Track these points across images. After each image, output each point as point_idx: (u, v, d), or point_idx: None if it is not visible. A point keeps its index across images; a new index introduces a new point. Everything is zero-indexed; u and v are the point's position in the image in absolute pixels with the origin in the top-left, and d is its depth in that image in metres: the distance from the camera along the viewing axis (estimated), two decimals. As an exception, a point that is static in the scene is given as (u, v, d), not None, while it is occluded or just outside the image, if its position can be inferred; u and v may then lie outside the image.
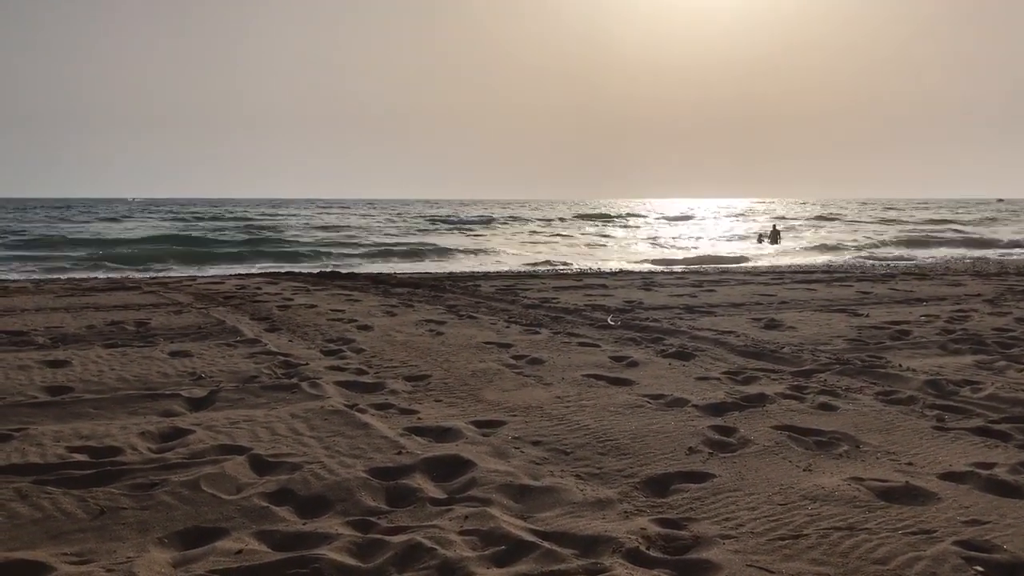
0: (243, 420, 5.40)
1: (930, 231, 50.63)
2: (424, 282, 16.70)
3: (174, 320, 10.47)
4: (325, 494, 4.04)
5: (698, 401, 5.87)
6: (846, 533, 3.51)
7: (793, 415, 5.52)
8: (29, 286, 16.43)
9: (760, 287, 15.15)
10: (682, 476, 4.29)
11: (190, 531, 3.62)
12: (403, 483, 4.18)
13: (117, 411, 5.71)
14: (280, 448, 4.77)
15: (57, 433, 5.09)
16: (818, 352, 7.84)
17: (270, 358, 7.68)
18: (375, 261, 32.14)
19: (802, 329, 9.45)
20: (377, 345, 8.47)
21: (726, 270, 22.81)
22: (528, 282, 16.81)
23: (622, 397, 6.04)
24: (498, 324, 10.04)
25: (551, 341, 8.68)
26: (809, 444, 4.86)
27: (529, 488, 4.08)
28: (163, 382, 6.62)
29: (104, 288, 15.57)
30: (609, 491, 4.07)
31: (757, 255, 33.79)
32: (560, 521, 3.69)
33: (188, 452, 4.68)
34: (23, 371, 7.01)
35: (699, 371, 7.02)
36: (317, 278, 18.47)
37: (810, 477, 4.26)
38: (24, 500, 3.94)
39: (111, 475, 4.26)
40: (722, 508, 3.84)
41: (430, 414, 5.62)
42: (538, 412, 5.63)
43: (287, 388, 6.35)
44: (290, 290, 14.85)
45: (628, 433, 5.07)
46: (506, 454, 4.66)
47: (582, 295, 13.68)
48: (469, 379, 6.77)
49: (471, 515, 3.72)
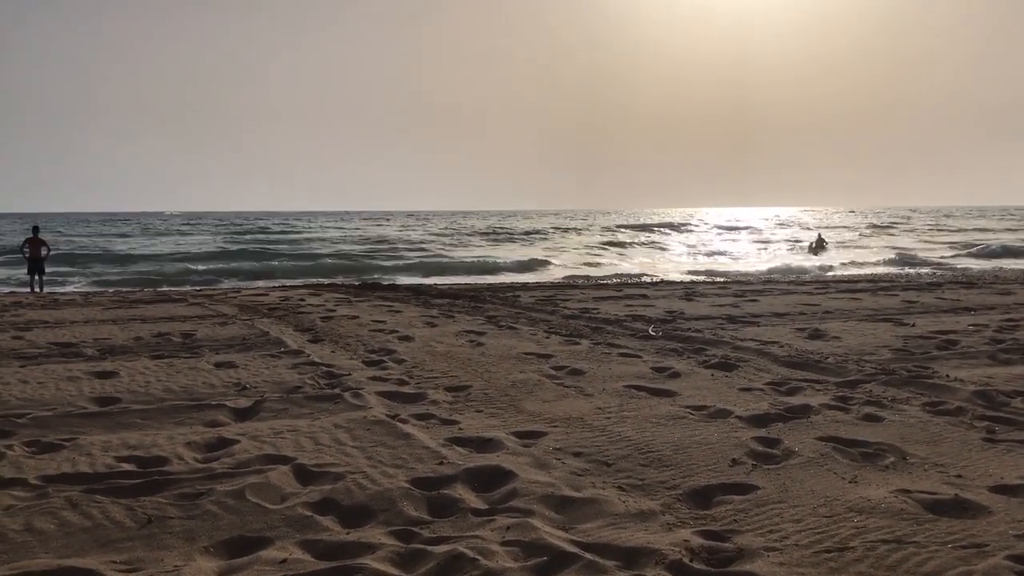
0: (287, 430, 5.46)
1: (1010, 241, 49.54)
2: (464, 293, 16.76)
3: (219, 331, 10.61)
4: (368, 504, 4.07)
5: (741, 412, 5.82)
6: (894, 546, 3.46)
7: (838, 426, 5.45)
8: (78, 299, 16.77)
9: (804, 297, 14.98)
10: (725, 488, 4.25)
11: (235, 540, 3.66)
12: (445, 493, 4.19)
13: (164, 421, 5.80)
14: (323, 458, 4.81)
15: (106, 443, 5.18)
16: (863, 362, 7.73)
17: (313, 369, 7.76)
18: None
19: (847, 339, 9.33)
20: (418, 356, 8.52)
21: (769, 279, 22.60)
22: (568, 292, 16.79)
23: (664, 408, 6.01)
24: (538, 335, 10.04)
25: (591, 352, 8.66)
26: (854, 456, 4.79)
27: (571, 499, 4.07)
28: (209, 393, 6.72)
29: (150, 300, 15.84)
30: (652, 503, 4.04)
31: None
32: (602, 532, 3.68)
33: (233, 462, 4.74)
34: (72, 382, 7.15)
35: (742, 382, 6.95)
36: (359, 289, 18.62)
37: (856, 489, 4.20)
38: (75, 509, 4.02)
39: (158, 484, 4.33)
40: (766, 520, 3.80)
41: (471, 424, 5.64)
42: (579, 423, 5.62)
43: (330, 398, 6.41)
44: (332, 301, 14.99)
45: (670, 444, 5.04)
46: (547, 465, 4.66)
47: (622, 305, 13.63)
48: (509, 390, 6.77)
49: (513, 526, 3.72)
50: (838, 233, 60.94)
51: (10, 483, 4.38)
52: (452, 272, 32.37)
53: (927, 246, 46.70)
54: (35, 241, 21.46)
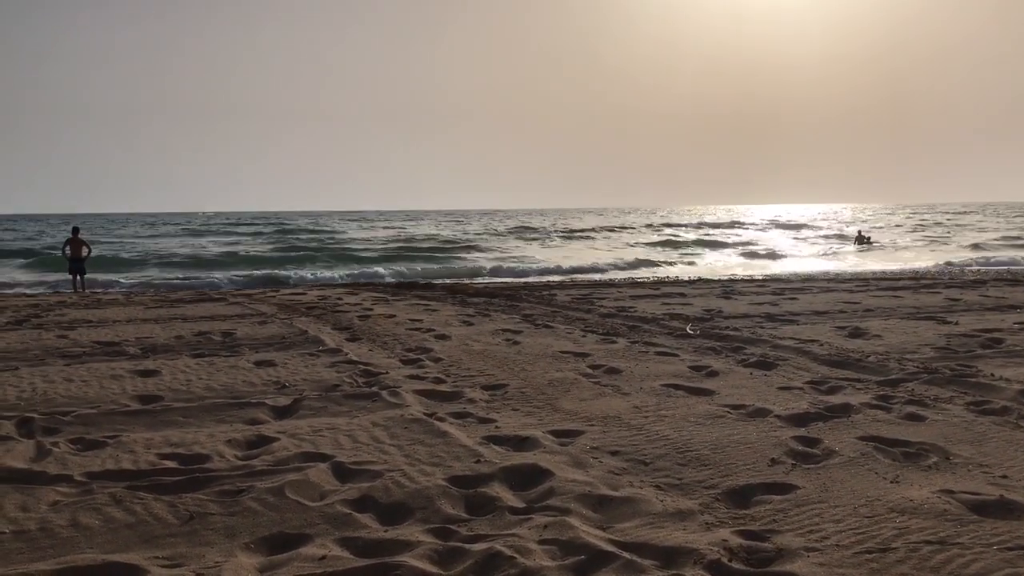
0: (325, 428, 5.50)
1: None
2: (500, 292, 16.77)
3: (259, 330, 10.72)
4: (406, 502, 4.09)
5: (780, 411, 5.76)
6: (937, 547, 3.41)
7: (879, 426, 5.38)
8: (120, 298, 17.03)
9: (844, 295, 14.81)
10: (764, 487, 4.22)
11: (275, 537, 3.70)
12: (482, 491, 4.20)
13: (205, 419, 5.88)
14: (362, 456, 4.84)
15: (148, 440, 5.26)
16: (905, 361, 7.62)
17: (351, 367, 7.81)
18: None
19: (888, 337, 9.20)
20: (455, 354, 8.54)
21: (809, 277, 22.36)
22: (604, 291, 16.74)
23: (702, 407, 5.97)
24: (575, 333, 10.02)
25: (628, 350, 8.63)
26: (896, 455, 4.73)
27: (608, 498, 4.06)
28: (248, 391, 6.79)
29: (191, 300, 16.04)
30: (690, 502, 4.02)
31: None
32: (640, 532, 3.66)
33: (273, 459, 4.79)
34: (116, 380, 7.26)
35: (781, 381, 6.89)
36: (396, 288, 18.72)
37: (898, 489, 4.14)
38: (118, 505, 4.08)
39: (200, 481, 4.39)
40: (806, 520, 3.76)
41: (508, 423, 5.64)
42: (616, 422, 5.60)
43: (368, 397, 6.45)
44: (370, 300, 15.08)
45: (709, 444, 5.01)
46: (584, 464, 4.65)
47: (660, 304, 13.56)
48: (546, 388, 6.77)
49: (550, 524, 3.72)
50: (896, 232, 59.94)
51: (56, 479, 4.47)
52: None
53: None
54: (75, 241, 21.74)
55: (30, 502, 4.13)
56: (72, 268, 21.83)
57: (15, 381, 7.23)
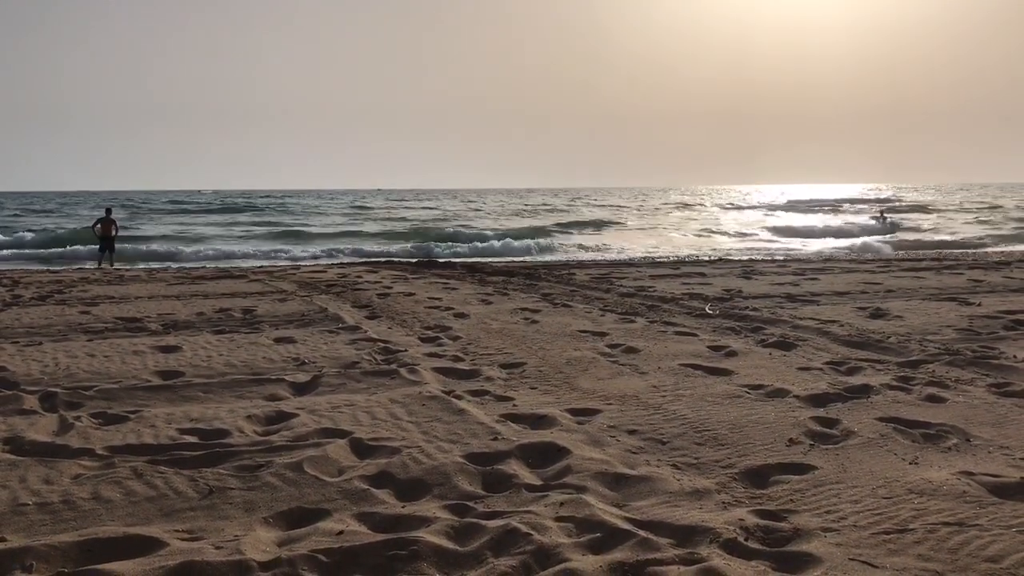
0: (344, 405, 5.53)
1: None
2: (518, 271, 16.77)
3: (279, 307, 10.78)
4: (423, 478, 4.11)
5: (799, 392, 5.74)
6: (955, 529, 3.39)
7: (899, 407, 5.34)
8: (142, 275, 17.17)
9: (866, 275, 14.70)
10: (782, 467, 4.21)
11: (294, 511, 3.73)
12: (499, 469, 4.22)
13: (225, 395, 5.92)
14: (380, 432, 4.87)
15: (169, 415, 5.31)
16: (926, 342, 7.57)
17: (370, 345, 7.84)
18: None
19: (909, 318, 9.13)
20: (473, 333, 8.56)
21: (831, 257, 22.21)
22: (623, 271, 16.70)
23: (720, 387, 5.96)
24: (593, 312, 10.01)
25: (647, 330, 8.61)
26: (916, 437, 4.70)
27: (625, 476, 4.07)
28: (268, 367, 6.83)
29: (212, 276, 16.15)
30: (706, 481, 4.02)
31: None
32: (656, 510, 3.66)
33: (292, 435, 4.82)
34: (137, 356, 7.33)
35: (801, 361, 6.86)
36: (415, 267, 18.76)
37: (917, 470, 4.12)
38: (140, 479, 4.13)
39: (219, 456, 4.43)
40: (823, 500, 3.75)
41: (525, 401, 5.65)
42: (634, 401, 5.60)
43: (387, 374, 6.48)
44: (389, 278, 15.12)
45: (726, 423, 5.00)
46: (601, 442, 4.65)
47: (679, 283, 13.52)
48: (564, 367, 6.77)
49: (566, 502, 3.73)
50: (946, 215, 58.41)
51: (78, 453, 4.52)
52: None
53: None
54: (107, 221, 23.31)
55: (53, 475, 4.18)
56: (102, 245, 23.43)
57: (39, 356, 7.32)
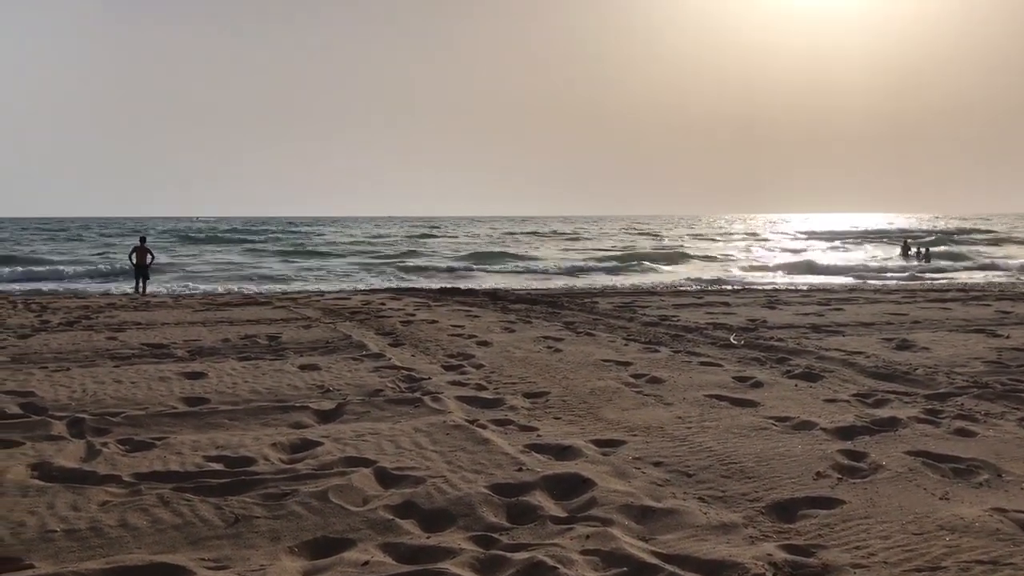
0: (368, 433, 5.54)
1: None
2: (541, 299, 16.76)
3: (303, 334, 10.83)
4: (448, 508, 4.10)
5: (826, 424, 5.69)
6: (989, 568, 3.33)
7: (928, 440, 5.28)
8: (169, 301, 17.31)
9: (891, 306, 14.58)
10: (810, 501, 4.16)
11: (319, 541, 3.73)
12: (524, 500, 4.20)
13: (250, 422, 5.95)
14: (404, 461, 4.87)
15: (195, 443, 5.33)
16: (954, 375, 7.48)
17: (394, 372, 7.86)
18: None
19: (936, 350, 9.04)
20: (496, 361, 8.55)
21: (855, 288, 22.05)
22: (647, 299, 16.66)
23: (746, 419, 5.91)
24: (616, 342, 9.98)
25: (671, 360, 8.58)
26: (945, 471, 4.64)
27: (651, 509, 4.04)
28: (293, 395, 6.86)
29: (238, 303, 16.25)
30: (733, 515, 3.98)
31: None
32: (683, 544, 3.63)
33: (317, 463, 4.83)
34: (163, 382, 7.38)
35: (827, 393, 6.80)
36: (438, 294, 18.80)
37: (947, 506, 4.06)
38: (166, 506, 4.15)
39: (245, 484, 4.44)
40: (852, 536, 3.70)
41: (549, 431, 5.64)
42: (659, 432, 5.56)
43: (410, 402, 6.48)
44: (412, 306, 15.17)
45: (753, 456, 4.95)
46: (627, 474, 4.63)
47: (703, 313, 13.47)
48: (588, 397, 6.75)
49: (592, 535, 3.71)
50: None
51: (106, 479, 4.55)
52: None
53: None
54: (141, 250, 23.29)
55: (80, 501, 4.21)
56: (137, 273, 23.42)
57: (67, 381, 7.38)
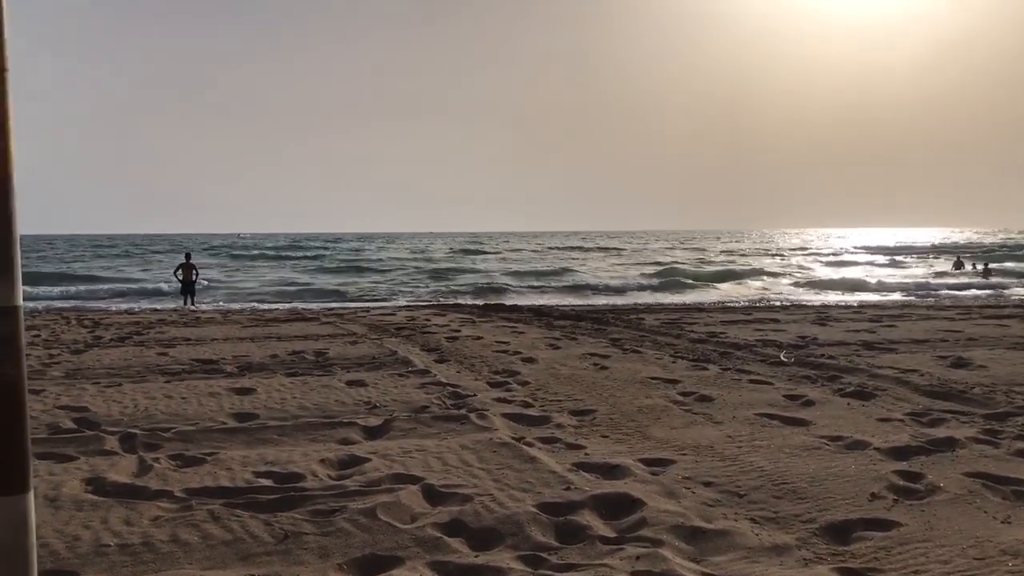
0: (415, 450, 5.54)
1: None
2: (586, 315, 16.70)
3: (350, 350, 10.90)
4: (496, 527, 4.08)
5: (880, 444, 5.57)
6: (1054, 594, 3.23)
7: (987, 461, 5.14)
8: (218, 317, 17.54)
9: (944, 323, 14.28)
10: (865, 523, 4.07)
11: (367, 558, 3.73)
12: (572, 519, 4.16)
13: (299, 438, 5.98)
14: (451, 479, 4.86)
15: (244, 458, 5.38)
16: (1013, 393, 7.29)
17: (440, 389, 7.86)
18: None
19: (994, 368, 8.82)
20: (542, 378, 8.52)
21: (907, 304, 21.66)
22: (694, 315, 16.51)
23: (798, 438, 5.81)
24: (664, 359, 9.90)
25: (720, 378, 8.48)
26: (1006, 494, 4.51)
27: (702, 530, 3.98)
28: (340, 410, 6.89)
29: (285, 319, 16.42)
30: (786, 536, 3.91)
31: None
32: (735, 566, 3.57)
33: (365, 480, 4.84)
34: (213, 398, 7.47)
35: (880, 412, 6.66)
36: (482, 310, 18.83)
37: (1009, 530, 3.94)
38: (216, 521, 4.18)
39: (294, 500, 4.46)
40: (910, 559, 3.61)
41: (597, 450, 5.59)
42: (709, 452, 5.49)
43: (456, 419, 6.48)
44: (457, 322, 15.20)
45: (805, 476, 4.86)
46: (676, 494, 4.56)
47: (752, 329, 13.31)
48: (635, 415, 6.69)
49: (642, 556, 3.66)
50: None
51: (157, 495, 4.60)
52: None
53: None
54: (187, 266, 24.05)
55: (133, 516, 4.26)
56: (183, 290, 24.15)
57: (119, 397, 7.50)
